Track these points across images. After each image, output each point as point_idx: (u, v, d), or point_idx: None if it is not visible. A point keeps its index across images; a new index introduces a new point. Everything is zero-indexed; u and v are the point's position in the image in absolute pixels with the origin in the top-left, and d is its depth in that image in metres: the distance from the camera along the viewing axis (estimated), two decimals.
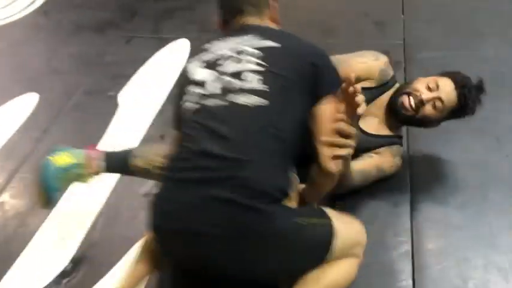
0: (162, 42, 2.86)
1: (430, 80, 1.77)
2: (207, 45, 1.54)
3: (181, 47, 2.79)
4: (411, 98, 1.76)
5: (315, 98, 1.41)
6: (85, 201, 1.92)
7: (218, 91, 1.38)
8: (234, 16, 1.60)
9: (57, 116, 2.41)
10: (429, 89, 1.75)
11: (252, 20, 1.58)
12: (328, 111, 1.38)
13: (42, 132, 2.30)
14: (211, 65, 1.45)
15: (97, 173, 1.63)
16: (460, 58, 2.48)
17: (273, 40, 1.45)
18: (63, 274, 1.67)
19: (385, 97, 1.86)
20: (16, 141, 2.28)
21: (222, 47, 1.49)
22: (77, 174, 1.57)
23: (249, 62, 1.40)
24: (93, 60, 2.77)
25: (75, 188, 1.69)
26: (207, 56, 1.49)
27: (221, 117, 1.34)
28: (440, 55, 2.52)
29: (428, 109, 1.75)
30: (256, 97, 1.34)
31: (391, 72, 1.88)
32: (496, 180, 1.87)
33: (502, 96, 2.22)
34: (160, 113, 2.34)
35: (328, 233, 1.34)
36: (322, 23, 2.84)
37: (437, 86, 1.75)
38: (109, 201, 1.92)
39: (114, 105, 2.43)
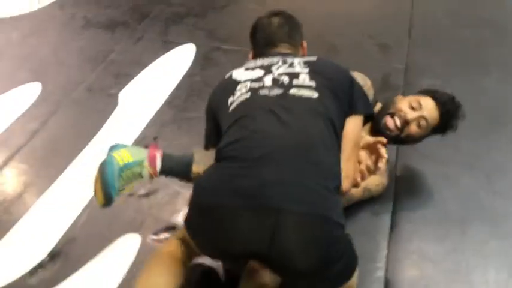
0: (169, 45, 2.90)
1: (412, 100, 1.81)
2: (247, 63, 1.63)
3: (186, 52, 2.83)
4: (396, 118, 1.80)
5: (345, 111, 1.50)
6: (71, 197, 1.96)
7: (273, 84, 1.46)
8: (268, 49, 1.70)
9: (57, 109, 2.45)
10: (412, 108, 1.80)
11: (284, 50, 1.69)
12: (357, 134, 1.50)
13: (40, 123, 2.35)
14: (265, 68, 1.54)
15: (155, 173, 1.52)
16: (459, 88, 2.43)
17: (309, 59, 1.58)
18: (40, 266, 1.70)
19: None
20: (13, 130, 2.33)
21: (266, 60, 1.59)
22: (137, 172, 1.47)
23: (296, 66, 1.52)
24: (99, 57, 2.81)
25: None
26: (255, 64, 1.58)
27: (280, 104, 1.40)
28: (439, 83, 2.50)
29: (413, 128, 1.80)
30: (308, 90, 1.44)
31: (372, 95, 1.93)
32: (478, 217, 1.85)
33: (496, 131, 2.22)
34: (157, 114, 2.37)
35: (357, 259, 1.37)
36: (327, 42, 2.86)
37: (420, 105, 1.79)
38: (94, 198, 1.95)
39: (114, 103, 2.47)
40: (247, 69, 1.58)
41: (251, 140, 1.35)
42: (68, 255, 1.74)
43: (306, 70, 1.50)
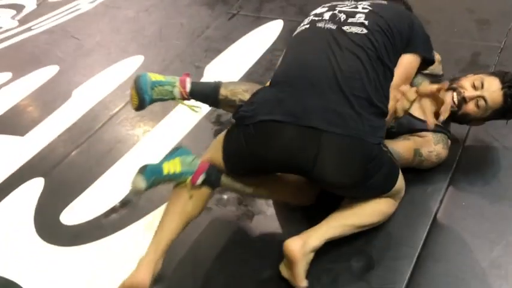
0: (260, 21, 3.04)
1: (477, 78, 1.77)
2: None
3: (274, 28, 2.94)
4: (455, 94, 1.76)
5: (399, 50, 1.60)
6: (148, 153, 2.24)
7: (330, 19, 1.62)
8: None
9: None
10: (474, 87, 1.76)
11: None
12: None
13: None
14: (331, 6, 1.70)
15: (186, 93, 1.79)
16: None
17: (378, 2, 1.71)
18: (112, 210, 2.01)
19: None
20: (115, 94, 2.69)
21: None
22: (168, 90, 1.77)
23: (359, 7, 1.65)
24: (196, 32, 3.07)
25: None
26: (330, 2, 1.76)
27: (331, 37, 1.56)
28: None
29: (470, 107, 1.76)
30: (359, 27, 1.56)
31: (440, 71, 1.93)
32: None
33: None
34: None
35: (398, 170, 1.62)
36: (422, 16, 2.71)
37: (482, 85, 1.75)
38: None
39: (199, 76, 2.70)
40: (323, 6, 1.72)
41: (297, 68, 1.55)
42: (135, 204, 2.01)
43: (366, 10, 1.62)
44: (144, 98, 1.76)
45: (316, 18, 1.65)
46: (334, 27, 1.58)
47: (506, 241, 1.60)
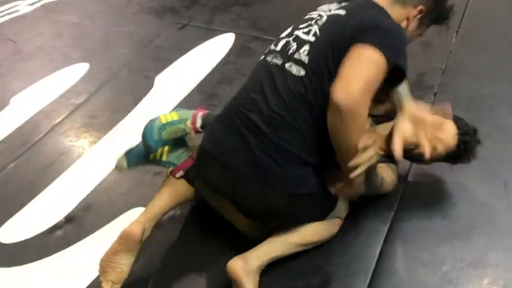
0: (211, 33, 3.01)
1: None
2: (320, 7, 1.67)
3: (226, 40, 2.92)
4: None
5: None
6: (95, 168, 2.13)
7: (281, 50, 1.56)
8: None
9: (100, 87, 2.65)
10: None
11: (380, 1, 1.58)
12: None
13: (82, 100, 2.56)
14: (296, 27, 1.61)
15: (195, 129, 1.75)
16: (496, 92, 2.36)
17: (345, 9, 1.54)
18: (56, 227, 1.89)
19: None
20: (58, 103, 2.55)
21: (322, 9, 1.62)
22: (181, 128, 1.74)
23: (314, 28, 1.54)
24: (145, 41, 2.99)
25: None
26: (309, 14, 1.64)
27: (272, 78, 1.52)
28: (476, 86, 2.41)
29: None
30: (298, 67, 1.49)
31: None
32: (486, 226, 1.77)
33: None
34: (186, 98, 2.49)
35: (331, 202, 1.63)
36: None
37: (441, 127, 1.70)
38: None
39: (150, 86, 2.62)
40: (301, 21, 1.62)
41: (233, 106, 1.58)
42: (82, 220, 1.91)
43: (318, 33, 1.51)
44: (149, 146, 1.74)
45: (272, 48, 1.61)
46: (279, 62, 1.54)
47: (455, 256, 1.67)
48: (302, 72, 1.48)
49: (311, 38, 1.52)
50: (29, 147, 2.29)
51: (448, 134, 1.70)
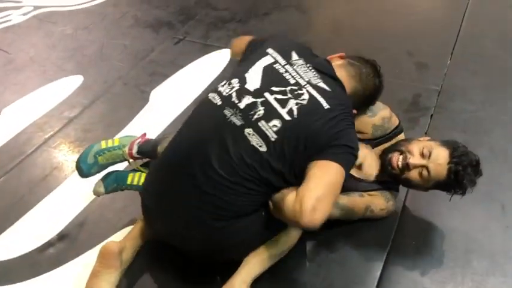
0: (207, 49, 3.00)
1: (427, 145, 1.68)
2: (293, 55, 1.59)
3: (222, 56, 2.91)
4: (401, 157, 1.71)
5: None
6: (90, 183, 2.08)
7: (245, 109, 1.45)
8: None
9: (94, 100, 2.61)
10: (422, 154, 1.67)
11: (341, 74, 1.60)
12: None
13: (76, 113, 2.51)
14: (264, 84, 1.50)
15: (131, 155, 1.80)
16: (491, 115, 2.39)
17: (327, 100, 1.47)
18: (48, 244, 1.83)
19: (386, 146, 1.84)
20: (51, 116, 2.50)
21: (296, 69, 1.54)
22: (116, 153, 1.79)
23: (288, 105, 1.45)
24: (140, 55, 2.96)
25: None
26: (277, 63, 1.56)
27: (226, 142, 1.43)
28: (472, 108, 2.44)
29: (413, 175, 1.69)
30: (260, 140, 1.41)
31: (391, 126, 1.84)
32: (485, 250, 1.77)
33: None
34: (182, 115, 2.46)
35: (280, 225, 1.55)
36: (366, 55, 2.82)
37: (430, 154, 1.66)
38: None
39: (145, 100, 2.59)
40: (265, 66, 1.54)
41: (175, 154, 1.55)
42: (75, 238, 1.85)
43: (295, 114, 1.43)
44: (81, 168, 1.78)
45: (233, 98, 1.48)
46: (239, 123, 1.43)
47: (455, 281, 1.66)
48: (263, 149, 1.40)
49: (285, 116, 1.42)
50: (20, 161, 2.23)
51: (439, 161, 1.65)
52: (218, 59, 2.89)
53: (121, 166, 1.90)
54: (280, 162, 1.42)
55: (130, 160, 1.81)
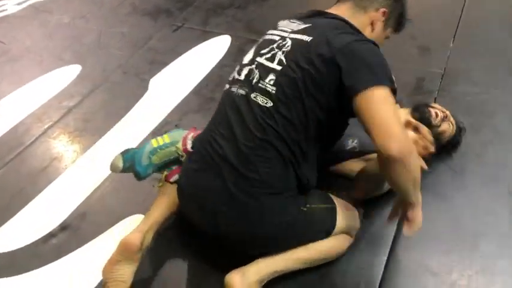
0: (206, 35, 2.96)
1: (439, 109, 1.98)
2: (281, 23, 1.60)
3: (222, 43, 2.87)
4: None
5: (339, 96, 1.40)
6: (90, 174, 2.06)
7: (244, 80, 1.50)
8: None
9: (93, 89, 2.57)
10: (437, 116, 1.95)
11: (341, 11, 1.56)
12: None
13: (75, 103, 2.48)
14: (260, 46, 1.55)
15: (185, 151, 1.72)
16: (495, 97, 2.35)
17: (308, 34, 1.46)
18: (51, 235, 1.81)
19: None
20: (50, 106, 2.47)
21: (282, 28, 1.55)
22: (170, 151, 1.72)
23: (278, 53, 1.47)
24: (139, 43, 2.92)
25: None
26: (270, 34, 1.57)
27: (238, 110, 1.47)
28: (476, 90, 2.40)
29: (445, 126, 1.94)
30: (265, 98, 1.44)
31: None
32: (492, 233, 1.75)
33: None
34: (183, 102, 2.43)
35: (333, 217, 1.55)
36: None
37: (446, 116, 1.97)
38: (112, 176, 2.03)
39: (145, 88, 2.56)
40: (257, 45, 1.57)
41: (203, 143, 1.53)
42: (77, 228, 1.83)
43: (284, 61, 1.44)
44: (138, 173, 1.69)
45: (235, 77, 1.55)
46: (244, 92, 1.48)
47: (463, 264, 1.64)
48: (269, 104, 1.43)
49: (276, 67, 1.46)
50: (19, 152, 2.21)
51: (452, 120, 1.98)
52: (217, 46, 2.85)
53: None
54: (290, 109, 1.41)
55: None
